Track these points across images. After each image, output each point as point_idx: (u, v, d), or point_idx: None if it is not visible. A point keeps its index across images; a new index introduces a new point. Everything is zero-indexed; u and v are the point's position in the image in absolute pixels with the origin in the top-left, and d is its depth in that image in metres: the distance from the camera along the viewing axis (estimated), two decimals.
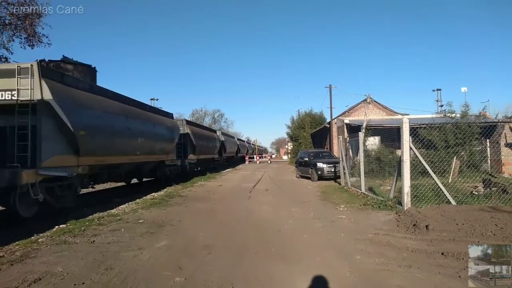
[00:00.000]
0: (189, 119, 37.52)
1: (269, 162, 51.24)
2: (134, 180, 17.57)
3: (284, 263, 4.83)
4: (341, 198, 11.08)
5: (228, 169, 32.05)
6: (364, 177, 11.92)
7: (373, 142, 16.43)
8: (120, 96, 12.34)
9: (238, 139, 56.09)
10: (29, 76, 7.68)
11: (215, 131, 34.62)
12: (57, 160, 8.26)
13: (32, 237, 6.39)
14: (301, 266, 4.68)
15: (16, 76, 7.68)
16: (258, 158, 53.80)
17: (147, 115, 14.41)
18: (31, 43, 18.24)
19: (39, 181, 7.69)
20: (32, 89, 7.66)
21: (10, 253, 5.42)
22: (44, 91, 7.76)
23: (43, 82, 7.76)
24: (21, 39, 18.16)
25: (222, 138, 34.63)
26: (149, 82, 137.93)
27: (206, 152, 26.41)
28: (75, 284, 4.07)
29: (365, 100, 31.98)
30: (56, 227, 7.22)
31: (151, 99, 45.84)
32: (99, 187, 13.34)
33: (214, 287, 3.98)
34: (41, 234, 6.64)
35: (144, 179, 18.33)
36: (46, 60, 10.82)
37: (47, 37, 18.55)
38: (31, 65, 7.75)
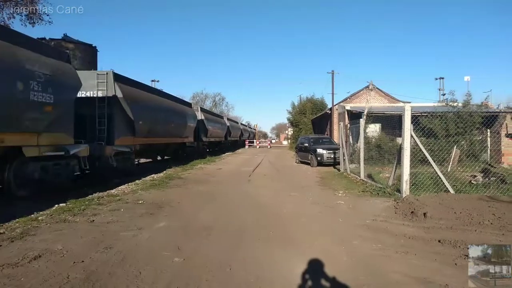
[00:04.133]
0: (190, 101, 37.51)
1: (269, 147, 51.25)
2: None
3: (282, 247, 4.87)
4: (340, 184, 11.13)
5: (227, 153, 32.17)
6: (364, 164, 11.94)
7: (374, 129, 16.38)
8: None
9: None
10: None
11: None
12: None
13: (32, 215, 6.43)
14: (299, 250, 4.72)
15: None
16: (258, 142, 53.79)
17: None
18: (32, 21, 18.07)
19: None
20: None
21: (10, 230, 5.45)
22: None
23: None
24: (22, 16, 17.95)
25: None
26: (150, 62, 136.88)
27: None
28: (74, 262, 4.11)
29: (367, 86, 31.74)
30: (56, 205, 7.26)
31: (152, 81, 45.56)
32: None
33: (212, 268, 4.02)
34: (41, 212, 6.67)
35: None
36: (47, 38, 10.73)
37: (48, 15, 18.36)
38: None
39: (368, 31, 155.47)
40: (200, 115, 24.46)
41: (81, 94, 9.83)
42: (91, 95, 10.73)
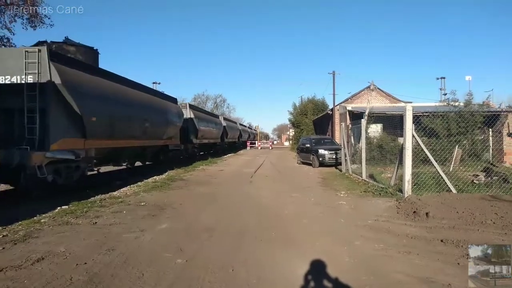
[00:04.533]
0: (192, 104, 37.00)
1: (270, 148, 51.29)
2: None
3: (284, 247, 4.87)
4: (341, 185, 11.12)
5: (229, 154, 32.16)
6: (365, 164, 11.93)
7: (375, 129, 16.38)
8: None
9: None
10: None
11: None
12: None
13: (35, 218, 6.46)
14: (301, 251, 4.72)
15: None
16: (259, 144, 53.78)
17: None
18: (33, 24, 18.17)
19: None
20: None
21: (13, 232, 5.48)
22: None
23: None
24: (23, 19, 18.06)
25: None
26: (152, 65, 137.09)
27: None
28: (77, 264, 4.13)
29: (369, 87, 31.75)
30: (59, 208, 7.29)
31: (153, 83, 45.65)
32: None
33: (214, 269, 4.02)
34: (43, 215, 6.70)
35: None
36: (48, 41, 10.76)
37: (49, 18, 18.47)
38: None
39: (369, 31, 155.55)
40: (188, 113, 21.36)
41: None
42: (16, 81, 8.04)
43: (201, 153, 26.78)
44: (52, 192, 8.86)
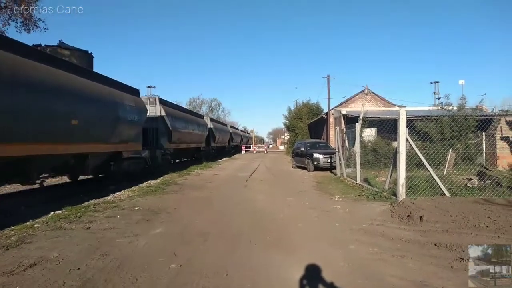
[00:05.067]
0: (186, 107, 36.19)
1: (265, 152, 51.26)
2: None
3: (278, 252, 4.87)
4: (336, 189, 11.14)
5: (224, 158, 32.09)
6: (360, 168, 11.96)
7: (370, 133, 16.49)
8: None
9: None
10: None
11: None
12: None
13: (28, 223, 6.40)
14: (296, 255, 4.72)
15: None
16: (254, 148, 53.76)
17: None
18: (27, 28, 18.03)
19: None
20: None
21: (5, 238, 5.43)
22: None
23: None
24: (17, 23, 17.91)
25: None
26: (147, 69, 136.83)
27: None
28: (70, 270, 4.10)
29: (363, 91, 31.91)
30: (52, 213, 7.23)
31: (148, 87, 45.78)
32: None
33: (209, 274, 4.01)
34: (36, 220, 6.65)
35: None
36: (43, 45, 10.71)
37: (43, 21, 18.35)
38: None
39: (363, 36, 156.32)
40: (158, 110, 16.76)
41: None
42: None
43: (176, 160, 22.21)
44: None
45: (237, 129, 61.84)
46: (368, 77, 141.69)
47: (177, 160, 22.70)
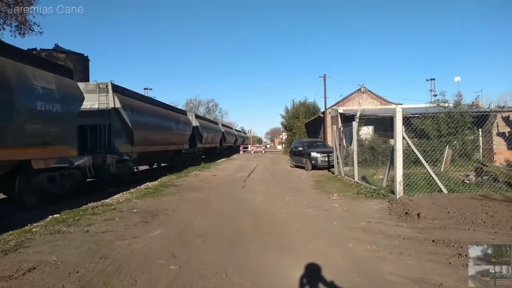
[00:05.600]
0: (183, 109, 36.75)
1: (263, 152, 51.26)
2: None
3: (277, 251, 4.88)
4: (334, 187, 11.17)
5: (222, 159, 32.11)
6: (358, 166, 11.99)
7: (367, 131, 16.54)
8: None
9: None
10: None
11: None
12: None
13: (26, 227, 6.40)
14: (295, 254, 4.73)
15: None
16: (252, 148, 53.77)
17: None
18: (22, 32, 17.99)
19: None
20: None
21: (4, 242, 5.42)
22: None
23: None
24: (12, 27, 17.87)
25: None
26: (143, 71, 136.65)
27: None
28: (69, 273, 4.10)
29: (359, 89, 32.07)
30: (50, 216, 7.23)
31: (145, 89, 45.82)
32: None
33: (208, 274, 4.02)
34: (35, 224, 6.65)
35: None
36: (38, 49, 10.72)
37: (38, 25, 18.33)
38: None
39: (359, 34, 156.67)
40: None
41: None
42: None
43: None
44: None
45: (239, 131, 61.86)
46: (365, 76, 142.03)
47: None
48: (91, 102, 11.52)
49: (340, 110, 23.44)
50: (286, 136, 49.34)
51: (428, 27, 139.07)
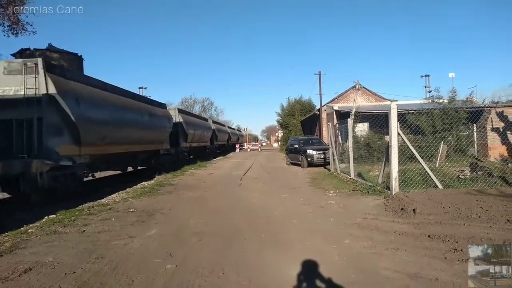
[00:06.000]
0: (179, 107, 36.22)
1: (259, 150, 51.35)
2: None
3: (274, 249, 4.89)
4: (330, 184, 11.19)
5: (218, 157, 32.08)
6: (353, 163, 12.03)
7: (362, 128, 16.58)
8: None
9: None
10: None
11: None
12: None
13: (22, 228, 6.37)
14: (291, 251, 4.74)
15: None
16: (248, 146, 53.75)
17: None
18: (15, 31, 17.85)
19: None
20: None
21: None
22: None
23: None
24: (4, 27, 17.73)
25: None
26: (137, 70, 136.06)
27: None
28: (66, 274, 4.08)
29: (354, 86, 32.08)
30: (46, 217, 7.20)
31: (140, 88, 45.58)
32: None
33: (205, 273, 4.02)
34: (31, 225, 6.62)
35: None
36: (32, 49, 10.65)
37: (31, 25, 18.18)
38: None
39: (353, 31, 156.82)
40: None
41: None
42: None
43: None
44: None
45: (234, 128, 61.20)
46: (360, 73, 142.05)
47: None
48: (15, 87, 8.61)
49: (336, 107, 23.48)
50: (282, 133, 49.36)
51: (422, 23, 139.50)
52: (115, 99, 12.42)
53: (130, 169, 16.41)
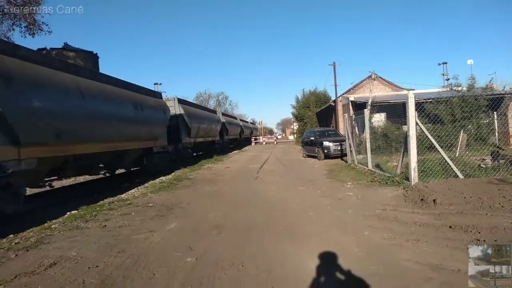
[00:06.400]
0: (194, 102, 35.77)
1: (275, 142, 51.25)
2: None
3: (292, 241, 4.89)
4: (348, 176, 11.11)
5: (234, 151, 32.16)
6: (371, 154, 11.91)
7: (379, 118, 16.35)
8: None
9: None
10: None
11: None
12: None
13: (45, 224, 6.54)
14: (310, 244, 4.73)
15: None
16: (264, 139, 53.71)
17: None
18: (32, 32, 18.25)
19: None
20: None
21: (25, 239, 5.56)
22: None
23: None
24: (21, 27, 18.13)
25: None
26: (151, 66, 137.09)
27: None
28: (89, 268, 4.18)
29: (370, 76, 31.61)
30: (68, 213, 7.36)
31: (155, 84, 45.81)
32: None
33: (225, 266, 4.05)
34: (53, 221, 6.78)
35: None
36: (48, 48, 10.80)
37: (47, 25, 18.59)
38: None
39: (368, 21, 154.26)
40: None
41: None
42: None
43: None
44: None
45: (246, 121, 60.67)
46: (375, 62, 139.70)
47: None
48: None
49: (351, 98, 23.23)
50: (297, 126, 49.10)
51: (439, 10, 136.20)
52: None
53: (117, 171, 14.17)
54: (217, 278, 3.74)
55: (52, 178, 10.48)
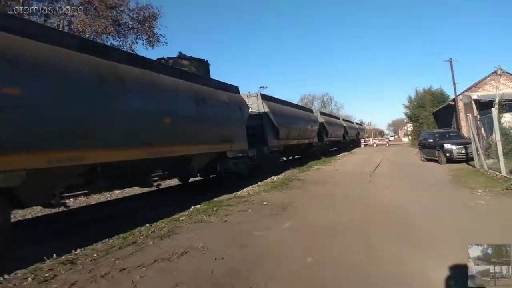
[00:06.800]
0: (299, 104, 35.89)
1: (387, 145, 48.72)
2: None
3: (415, 249, 4.58)
4: (477, 182, 9.95)
5: (343, 153, 31.51)
6: (504, 158, 10.53)
7: (510, 119, 14.42)
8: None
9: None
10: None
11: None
12: None
13: (174, 216, 7.22)
14: (436, 254, 4.35)
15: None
16: (374, 141, 51.50)
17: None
18: (152, 44, 20.81)
19: None
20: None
21: (158, 229, 6.20)
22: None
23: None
24: (143, 40, 20.72)
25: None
26: (259, 71, 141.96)
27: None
28: (215, 259, 4.48)
29: (495, 72, 27.99)
30: (192, 207, 8.02)
31: (260, 87, 47.17)
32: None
33: (347, 270, 4.00)
34: (180, 214, 7.44)
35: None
36: (165, 58, 11.99)
37: (164, 36, 20.98)
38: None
39: (488, 9, 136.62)
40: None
41: None
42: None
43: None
44: None
45: (352, 122, 58.63)
46: (499, 57, 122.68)
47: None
48: None
49: (474, 96, 20.95)
50: (411, 127, 45.98)
51: None
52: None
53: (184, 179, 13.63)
54: (343, 279, 3.72)
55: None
